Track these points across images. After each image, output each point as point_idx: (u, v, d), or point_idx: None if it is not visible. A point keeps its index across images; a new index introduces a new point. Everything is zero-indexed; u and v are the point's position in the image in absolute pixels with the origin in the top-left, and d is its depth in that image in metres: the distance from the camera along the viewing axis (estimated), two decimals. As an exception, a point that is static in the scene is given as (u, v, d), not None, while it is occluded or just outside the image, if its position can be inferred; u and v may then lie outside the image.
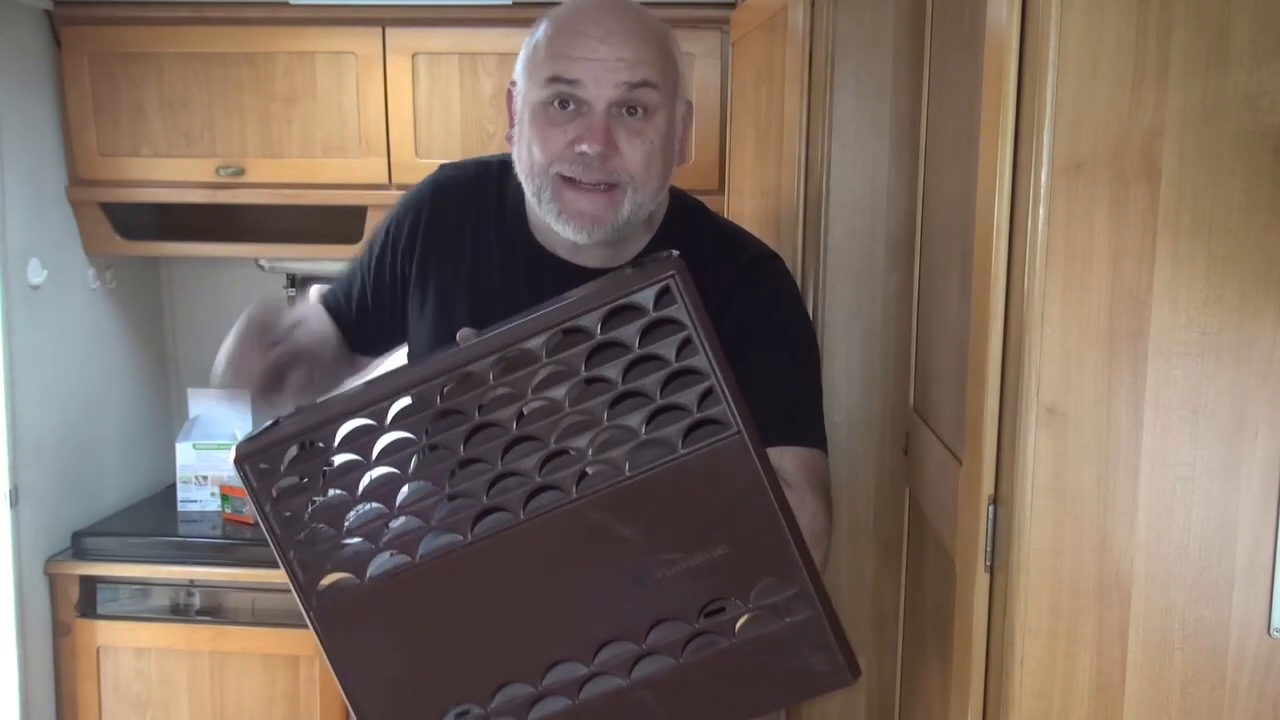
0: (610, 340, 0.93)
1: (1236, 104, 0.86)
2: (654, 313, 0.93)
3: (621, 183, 1.18)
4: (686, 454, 0.96)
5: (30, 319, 2.33)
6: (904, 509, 1.46)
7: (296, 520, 0.98)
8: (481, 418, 0.95)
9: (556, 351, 0.93)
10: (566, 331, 0.93)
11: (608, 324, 0.93)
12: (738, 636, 1.00)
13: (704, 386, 0.94)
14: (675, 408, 0.95)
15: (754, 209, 1.91)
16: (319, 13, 2.35)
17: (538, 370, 0.94)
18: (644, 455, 0.96)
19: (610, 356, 0.94)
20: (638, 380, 0.94)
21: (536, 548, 0.98)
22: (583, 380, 0.94)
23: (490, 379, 0.94)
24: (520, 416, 0.95)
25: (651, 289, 0.92)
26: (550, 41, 1.19)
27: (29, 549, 2.32)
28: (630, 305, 0.93)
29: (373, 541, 0.98)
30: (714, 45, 2.32)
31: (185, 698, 2.37)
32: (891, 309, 1.53)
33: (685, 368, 0.94)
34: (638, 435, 0.95)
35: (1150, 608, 0.91)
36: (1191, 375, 0.88)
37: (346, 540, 0.99)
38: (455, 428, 0.95)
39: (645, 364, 0.94)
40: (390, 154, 2.38)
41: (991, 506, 0.98)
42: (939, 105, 1.32)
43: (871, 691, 1.58)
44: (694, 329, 0.93)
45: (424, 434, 0.96)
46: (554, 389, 0.94)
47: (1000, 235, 0.94)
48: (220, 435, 2.58)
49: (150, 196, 2.45)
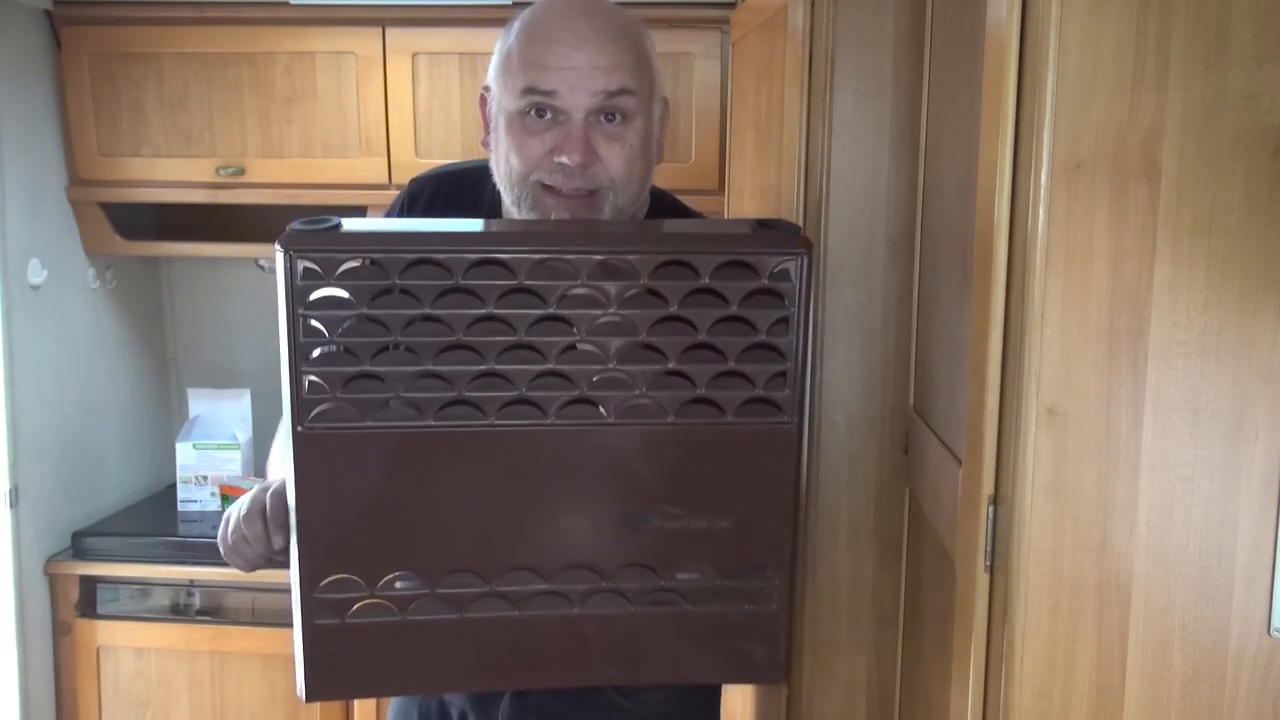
0: (714, 289, 0.91)
1: (1236, 104, 0.86)
2: (768, 281, 0.91)
3: (603, 187, 1.16)
4: (735, 423, 0.94)
5: (30, 319, 2.33)
6: (904, 509, 1.46)
7: (320, 333, 0.92)
8: (556, 309, 0.91)
9: (659, 277, 0.91)
10: (676, 261, 0.91)
11: (719, 273, 0.91)
12: (698, 605, 0.99)
13: (779, 369, 0.93)
14: (742, 375, 0.93)
15: (754, 209, 1.91)
16: (319, 13, 2.35)
17: (631, 287, 0.91)
18: (691, 406, 0.94)
19: (706, 301, 0.91)
20: (721, 337, 0.92)
21: (552, 454, 0.95)
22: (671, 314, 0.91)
23: (582, 276, 0.90)
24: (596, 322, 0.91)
25: (776, 258, 0.91)
26: (523, 50, 1.16)
27: (29, 549, 2.32)
28: (749, 264, 0.91)
29: (394, 385, 0.92)
30: (714, 45, 2.32)
31: (185, 698, 2.38)
32: (891, 309, 1.53)
33: (771, 344, 0.92)
34: (698, 389, 0.93)
35: (1150, 608, 0.91)
36: (1191, 375, 0.88)
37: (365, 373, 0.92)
38: (526, 308, 0.91)
39: (733, 321, 0.92)
40: (390, 154, 2.38)
41: (991, 506, 0.98)
42: (939, 105, 1.32)
43: (871, 691, 1.58)
44: (799, 312, 0.92)
45: (493, 301, 0.91)
46: (638, 310, 0.91)
47: (1000, 235, 0.94)
48: (220, 435, 2.58)
49: (150, 196, 2.45)
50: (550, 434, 0.94)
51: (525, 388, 0.93)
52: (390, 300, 0.91)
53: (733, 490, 0.97)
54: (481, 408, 0.93)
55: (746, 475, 0.96)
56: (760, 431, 0.95)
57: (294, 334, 0.92)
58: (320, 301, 0.91)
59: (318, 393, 0.92)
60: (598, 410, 0.93)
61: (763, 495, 0.97)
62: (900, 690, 1.52)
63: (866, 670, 1.58)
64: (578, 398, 0.93)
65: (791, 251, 0.90)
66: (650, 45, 1.23)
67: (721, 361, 0.92)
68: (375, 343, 0.91)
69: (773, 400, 0.94)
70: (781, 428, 0.95)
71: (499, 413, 0.93)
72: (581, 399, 0.93)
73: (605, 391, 0.93)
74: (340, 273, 0.90)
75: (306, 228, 0.92)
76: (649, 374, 0.93)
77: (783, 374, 0.93)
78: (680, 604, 0.98)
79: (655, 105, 1.23)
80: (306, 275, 0.90)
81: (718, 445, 0.95)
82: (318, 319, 0.91)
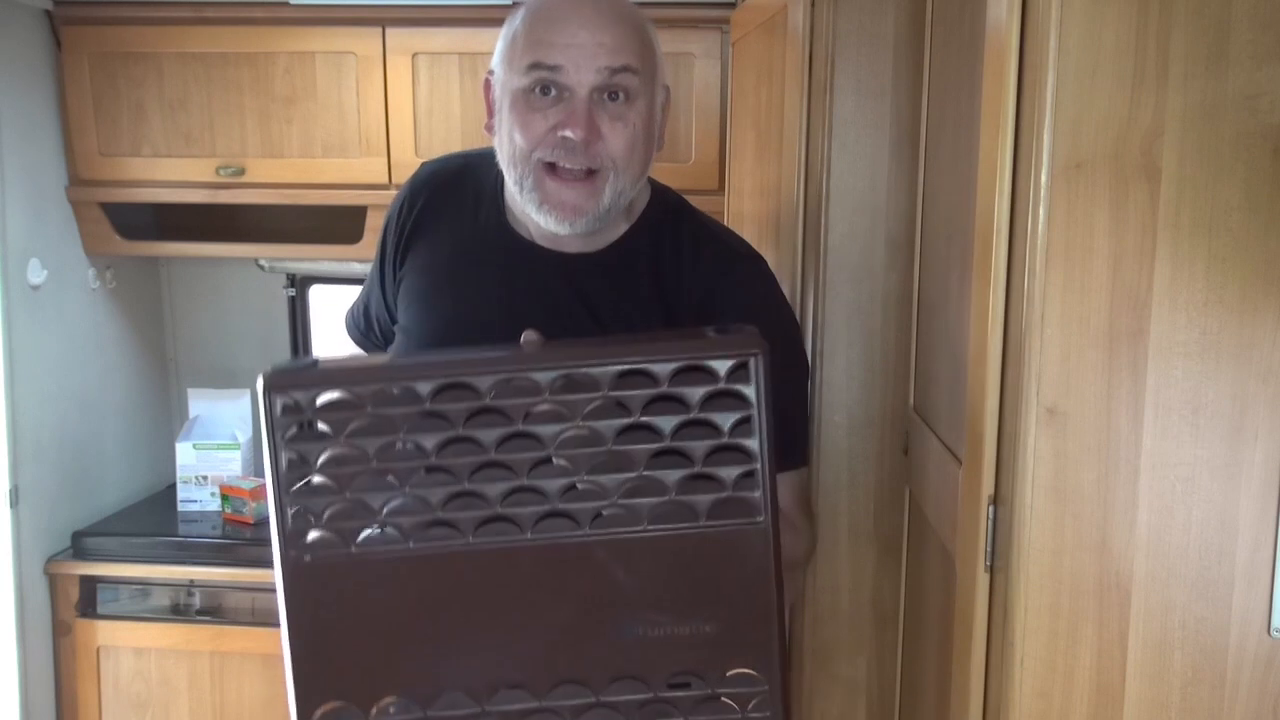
0: (673, 394, 0.94)
1: (1236, 104, 0.86)
2: (725, 383, 0.94)
3: (604, 168, 1.17)
4: (708, 526, 0.96)
5: (30, 319, 2.33)
6: (904, 509, 1.46)
7: (303, 465, 0.95)
8: (524, 425, 0.94)
9: (619, 387, 0.94)
10: (634, 371, 0.94)
11: (677, 378, 0.94)
12: (691, 717, 0.99)
13: (747, 469, 0.95)
14: (711, 478, 0.96)
15: (754, 209, 1.91)
16: (319, 13, 2.35)
17: (594, 399, 0.94)
18: (664, 511, 0.96)
19: (667, 408, 0.95)
20: (685, 441, 0.95)
21: (531, 568, 0.97)
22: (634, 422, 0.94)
23: (545, 392, 0.94)
24: (562, 436, 0.95)
25: (732, 359, 0.94)
26: (530, 29, 1.19)
27: (29, 549, 2.32)
28: (705, 368, 0.94)
29: (372, 512, 0.96)
30: (714, 45, 2.32)
31: (185, 698, 2.38)
32: (891, 309, 1.53)
33: (736, 444, 0.95)
34: (668, 493, 0.96)
35: (1150, 608, 0.91)
36: (1191, 375, 0.88)
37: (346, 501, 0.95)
38: (495, 427, 0.94)
39: (697, 425, 0.95)
40: (390, 154, 2.38)
41: (991, 506, 0.98)
42: (939, 105, 1.32)
43: (871, 691, 1.58)
44: (759, 413, 0.94)
45: (461, 422, 0.94)
46: (602, 421, 0.94)
47: (1000, 235, 0.94)
48: (220, 435, 2.58)
49: (150, 196, 2.45)
50: (528, 549, 0.96)
51: (499, 505, 0.95)
52: (365, 429, 0.95)
53: (713, 593, 0.98)
54: (459, 527, 0.96)
55: (725, 577, 0.98)
56: (734, 532, 0.97)
57: (275, 469, 0.95)
58: (303, 434, 0.95)
59: (302, 523, 0.96)
60: (573, 522, 0.96)
61: (743, 596, 0.98)
62: (900, 690, 1.52)
63: (866, 670, 1.58)
64: (551, 511, 0.95)
65: (746, 352, 0.93)
66: (655, 34, 1.25)
67: (689, 465, 0.95)
68: (354, 468, 0.95)
69: (744, 500, 0.96)
70: (755, 527, 0.96)
71: (476, 531, 0.96)
72: (555, 513, 0.95)
73: (578, 503, 0.95)
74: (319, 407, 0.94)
75: (286, 368, 0.96)
76: (619, 483, 0.95)
77: (751, 473, 0.95)
78: (673, 716, 0.99)
79: (658, 90, 1.25)
80: (286, 411, 0.94)
81: (694, 549, 0.97)
82: (299, 452, 0.95)
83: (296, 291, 2.82)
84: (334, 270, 2.75)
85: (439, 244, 1.33)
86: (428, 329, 1.31)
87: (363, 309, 1.49)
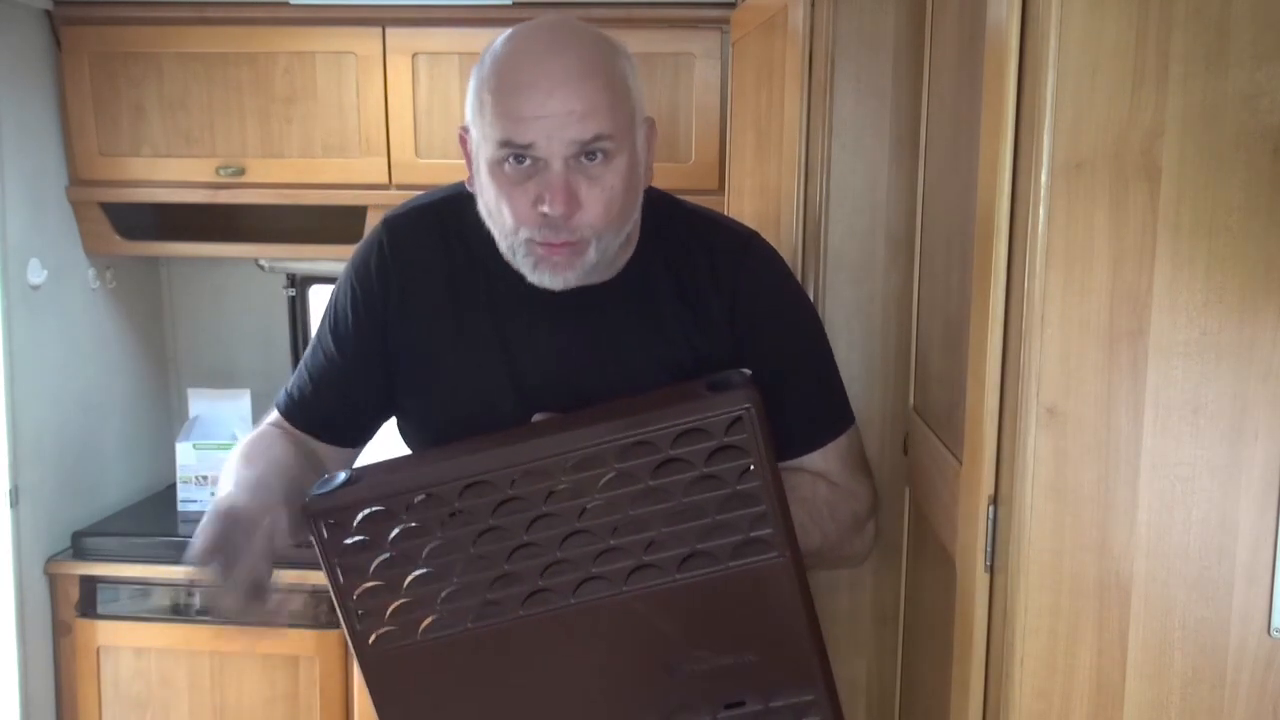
0: (678, 457, 1.00)
1: (1236, 104, 0.86)
2: (724, 438, 1.00)
3: (583, 238, 1.16)
4: (733, 567, 1.03)
5: (30, 319, 2.33)
6: (904, 509, 1.46)
7: (360, 573, 1.05)
8: (546, 507, 1.02)
9: (625, 459, 1.01)
10: (638, 443, 1.00)
11: (678, 442, 1.00)
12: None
13: (758, 511, 1.01)
14: (726, 525, 1.02)
15: (754, 209, 1.91)
16: (319, 13, 2.35)
17: (605, 473, 1.01)
18: (692, 561, 1.03)
19: (674, 470, 1.01)
20: (697, 495, 1.01)
21: (579, 629, 1.06)
22: (646, 487, 1.01)
23: (559, 476, 1.01)
24: (583, 511, 1.02)
25: (725, 417, 0.99)
26: (497, 99, 1.14)
27: (29, 549, 2.32)
28: (702, 429, 0.99)
29: (428, 604, 1.05)
30: (714, 45, 2.32)
31: (185, 698, 2.38)
32: (891, 309, 1.53)
33: (743, 492, 1.01)
34: (690, 546, 1.03)
35: (1150, 608, 0.91)
36: (1191, 375, 0.88)
37: (404, 598, 1.05)
38: (520, 513, 1.03)
39: (704, 480, 1.01)
40: (390, 154, 2.38)
41: (991, 506, 0.98)
42: (939, 105, 1.32)
43: (871, 691, 1.58)
44: (760, 461, 1.00)
45: (490, 514, 1.03)
46: (618, 490, 1.01)
47: (1000, 235, 0.94)
48: (220, 435, 2.58)
49: (150, 196, 2.45)
50: (573, 612, 1.05)
51: (539, 580, 1.04)
52: (405, 534, 1.04)
53: (748, 626, 1.06)
54: (507, 605, 1.05)
55: (756, 609, 1.05)
56: (758, 568, 1.04)
57: (335, 581, 1.05)
58: (351, 548, 1.04)
59: (370, 622, 1.07)
60: (608, 583, 1.04)
61: (777, 624, 1.06)
62: (900, 690, 1.52)
63: (866, 670, 1.58)
64: (587, 577, 1.04)
65: (736, 409, 0.99)
66: (628, 70, 1.19)
67: (704, 516, 1.02)
68: (404, 568, 1.05)
69: (761, 539, 1.03)
70: (776, 562, 1.03)
71: (523, 605, 1.05)
72: (590, 577, 1.04)
73: (609, 565, 1.04)
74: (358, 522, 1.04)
75: (323, 492, 1.04)
76: (643, 542, 1.03)
77: (763, 515, 1.02)
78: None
79: (639, 134, 1.21)
80: (332, 531, 1.04)
81: (723, 590, 1.04)
82: (352, 563, 1.05)
83: (296, 291, 2.82)
84: (334, 270, 2.74)
85: (438, 298, 1.28)
86: (461, 395, 1.28)
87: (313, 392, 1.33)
